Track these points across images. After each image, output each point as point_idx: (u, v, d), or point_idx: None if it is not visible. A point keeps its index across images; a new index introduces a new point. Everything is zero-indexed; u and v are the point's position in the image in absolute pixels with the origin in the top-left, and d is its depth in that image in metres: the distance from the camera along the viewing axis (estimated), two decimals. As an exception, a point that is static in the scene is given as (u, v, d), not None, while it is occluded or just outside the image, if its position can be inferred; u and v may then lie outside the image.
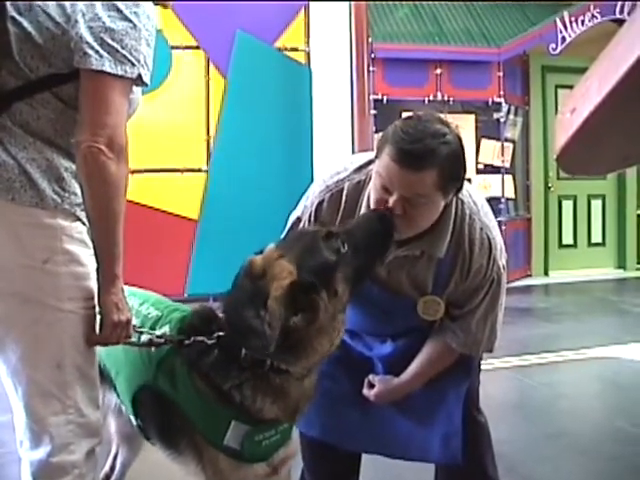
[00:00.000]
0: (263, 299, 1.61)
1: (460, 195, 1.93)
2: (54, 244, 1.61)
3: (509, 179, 8.32)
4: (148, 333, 1.81)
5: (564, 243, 9.11)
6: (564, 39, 7.31)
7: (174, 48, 6.62)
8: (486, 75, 7.92)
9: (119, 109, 1.60)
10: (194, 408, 1.75)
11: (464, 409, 2.07)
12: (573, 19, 7.25)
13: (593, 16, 7.19)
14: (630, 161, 1.85)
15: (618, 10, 6.98)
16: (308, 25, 7.07)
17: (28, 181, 1.59)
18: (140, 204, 6.37)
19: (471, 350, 2.04)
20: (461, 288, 1.97)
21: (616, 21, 6.93)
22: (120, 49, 1.58)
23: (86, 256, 1.66)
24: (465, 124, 7.48)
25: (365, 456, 2.28)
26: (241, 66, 6.85)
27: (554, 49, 7.36)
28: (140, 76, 1.62)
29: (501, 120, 8.00)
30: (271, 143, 6.89)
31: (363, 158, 2.05)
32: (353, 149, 6.89)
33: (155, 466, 2.30)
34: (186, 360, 1.76)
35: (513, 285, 7.77)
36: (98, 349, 1.75)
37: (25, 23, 1.61)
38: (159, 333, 1.82)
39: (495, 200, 7.78)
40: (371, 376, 2.13)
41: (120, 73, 1.58)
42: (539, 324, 6.35)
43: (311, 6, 7.05)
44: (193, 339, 1.74)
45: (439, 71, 7.73)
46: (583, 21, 7.22)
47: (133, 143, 1.65)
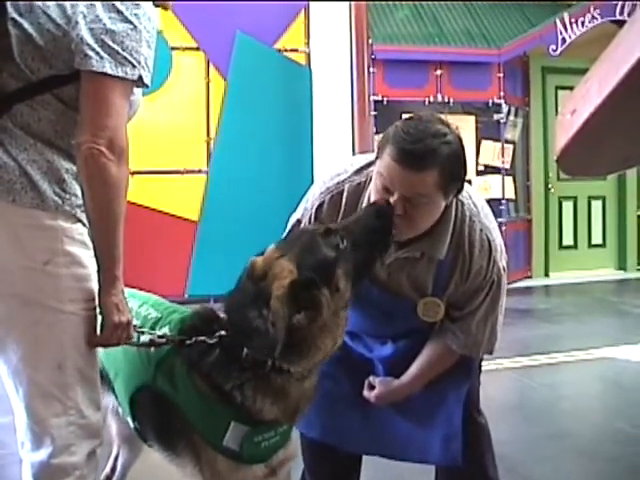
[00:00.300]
0: (265, 299, 1.62)
1: (460, 197, 1.93)
2: (55, 245, 1.61)
3: (509, 180, 8.32)
4: (149, 333, 1.81)
5: (564, 244, 9.10)
6: (564, 40, 7.32)
7: (174, 49, 6.62)
8: (486, 76, 7.92)
9: (120, 111, 1.60)
10: (194, 408, 1.74)
11: (464, 410, 2.07)
12: (573, 20, 7.26)
13: (593, 17, 7.20)
14: (630, 162, 1.86)
15: (618, 11, 6.99)
16: (308, 26, 7.07)
17: (29, 183, 1.59)
18: (140, 205, 6.37)
19: (471, 351, 2.04)
20: (461, 290, 1.97)
21: (616, 22, 6.94)
22: (121, 51, 1.58)
23: (87, 257, 1.66)
24: (465, 125, 7.47)
25: (365, 457, 2.28)
26: (241, 67, 6.85)
27: (554, 50, 7.36)
28: (141, 77, 1.63)
29: (501, 121, 8.00)
30: (271, 144, 6.89)
31: (363, 160, 2.05)
32: (353, 150, 6.89)
33: (155, 468, 2.30)
34: (186, 360, 1.76)
35: (513, 286, 7.77)
36: (98, 350, 1.76)
37: (26, 25, 1.61)
38: (160, 333, 1.82)
39: (495, 201, 7.77)
40: (371, 377, 2.13)
41: (121, 75, 1.58)
42: (539, 325, 6.34)
43: (311, 7, 7.05)
44: (195, 339, 1.74)
45: (439, 72, 7.73)
46: (583, 22, 7.23)
47: (133, 144, 1.65)
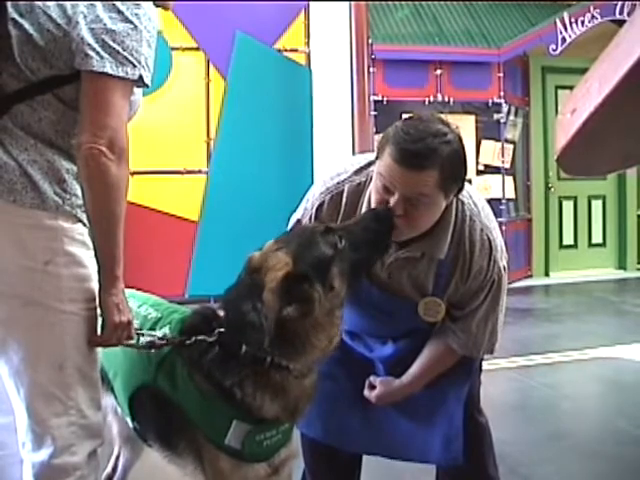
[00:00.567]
0: (259, 292, 1.64)
1: (460, 196, 1.93)
2: (55, 245, 1.61)
3: (509, 180, 8.31)
4: (149, 335, 1.81)
5: (565, 244, 9.10)
6: (564, 40, 7.31)
7: (174, 49, 6.62)
8: (486, 76, 7.91)
9: (120, 111, 1.60)
10: (195, 407, 1.75)
11: (465, 410, 2.07)
12: (573, 20, 7.25)
13: (593, 17, 7.19)
14: (630, 161, 1.86)
15: (618, 11, 6.98)
16: (308, 26, 7.07)
17: (29, 183, 1.59)
18: (140, 205, 6.36)
19: (472, 351, 2.04)
20: (462, 289, 1.97)
21: (616, 22, 6.93)
22: (121, 50, 1.58)
23: (87, 257, 1.66)
24: (465, 125, 7.47)
25: (366, 457, 2.28)
26: (241, 67, 6.85)
27: (554, 50, 7.36)
28: (141, 77, 1.63)
29: (501, 121, 7.99)
30: (271, 144, 6.89)
31: (363, 159, 2.05)
32: (353, 150, 6.88)
33: (155, 468, 2.30)
34: (187, 359, 1.76)
35: (514, 286, 7.77)
36: (99, 350, 1.76)
37: (26, 25, 1.61)
38: (160, 334, 1.82)
39: (495, 201, 7.77)
40: (372, 377, 2.13)
41: (121, 74, 1.58)
42: (540, 324, 6.34)
43: (311, 7, 7.05)
44: (195, 339, 1.74)
45: (439, 72, 7.73)
46: (583, 22, 7.22)
47: (133, 144, 1.65)
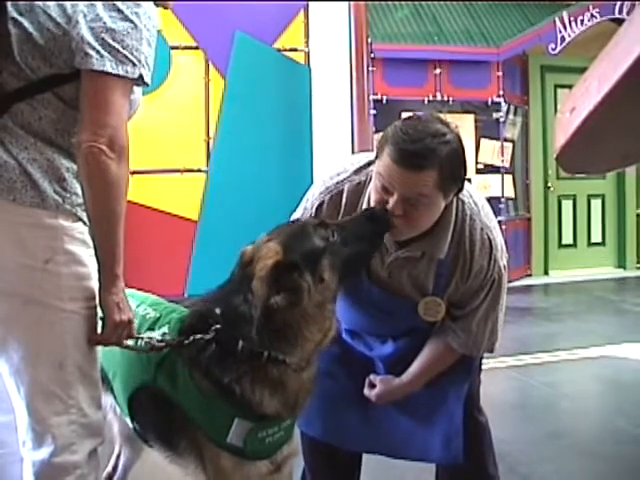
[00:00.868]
0: (250, 283, 1.66)
1: (461, 196, 1.93)
2: (55, 244, 1.61)
3: (509, 179, 8.32)
4: (148, 338, 1.80)
5: (564, 243, 9.10)
6: (563, 39, 7.31)
7: (173, 48, 6.62)
8: (485, 75, 7.92)
9: (120, 109, 1.60)
10: (196, 406, 1.75)
11: (465, 409, 2.07)
12: (572, 19, 7.25)
13: (592, 16, 7.19)
14: (630, 160, 1.85)
15: (617, 10, 6.98)
16: (307, 25, 7.06)
17: (29, 181, 1.59)
18: (140, 204, 6.36)
19: (472, 350, 2.04)
20: (462, 289, 1.97)
21: (615, 21, 6.93)
22: (121, 49, 1.58)
23: (87, 256, 1.66)
24: (464, 124, 7.47)
25: (366, 456, 2.28)
26: (240, 66, 6.84)
27: (553, 49, 7.36)
28: (141, 76, 1.63)
29: (500, 120, 8.00)
30: (271, 143, 6.88)
31: (363, 159, 2.05)
32: (353, 149, 6.88)
33: (155, 467, 2.30)
34: (187, 359, 1.77)
35: (513, 285, 7.78)
36: (99, 350, 1.76)
37: (26, 24, 1.62)
38: (158, 336, 1.82)
39: (495, 200, 7.78)
40: (372, 376, 2.13)
41: (121, 73, 1.58)
42: (539, 323, 6.35)
43: (310, 6, 7.04)
44: (192, 338, 1.74)
45: (438, 71, 7.73)
46: (582, 21, 7.22)
47: (132, 144, 1.65)
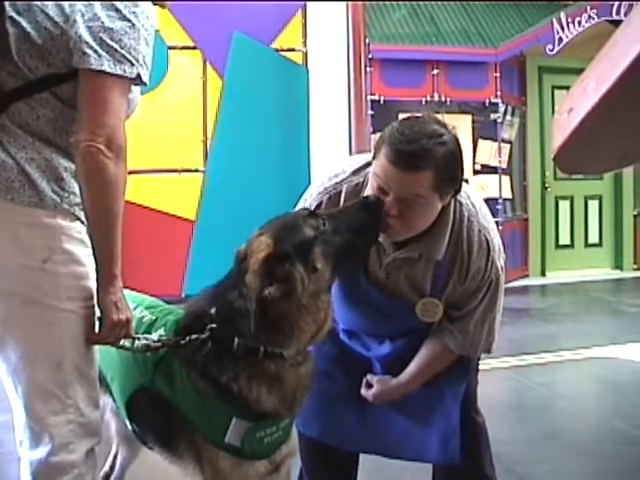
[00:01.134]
0: (244, 278, 1.67)
1: (458, 197, 1.93)
2: (53, 244, 1.61)
3: (506, 180, 8.32)
4: (144, 338, 1.80)
5: (561, 243, 9.11)
6: (561, 40, 7.33)
7: (171, 48, 6.62)
8: (483, 76, 7.92)
9: (118, 109, 1.60)
10: (193, 407, 1.74)
11: (462, 409, 2.07)
12: (570, 20, 7.27)
13: (590, 17, 7.21)
14: (627, 160, 1.86)
15: (615, 11, 7.00)
16: (305, 26, 7.07)
17: (27, 181, 1.59)
18: (137, 204, 6.36)
19: (469, 351, 2.04)
20: (459, 290, 1.97)
21: (613, 22, 6.96)
22: (119, 49, 1.58)
23: (85, 256, 1.66)
24: (462, 125, 7.48)
25: (363, 456, 2.28)
26: (238, 67, 6.85)
27: (551, 50, 7.38)
28: (139, 75, 1.63)
29: (498, 121, 8.00)
30: (268, 144, 6.89)
31: (361, 160, 2.05)
32: (350, 150, 6.89)
33: (154, 468, 2.30)
34: (183, 359, 1.77)
35: (510, 285, 7.77)
36: (96, 350, 1.76)
37: (24, 23, 1.62)
38: (155, 337, 1.82)
39: (492, 201, 7.77)
40: (369, 376, 2.13)
41: (119, 73, 1.58)
42: (536, 324, 6.35)
43: (308, 7, 7.06)
44: (188, 338, 1.74)
45: (436, 72, 7.73)
46: (580, 22, 7.24)
47: (130, 144, 1.65)
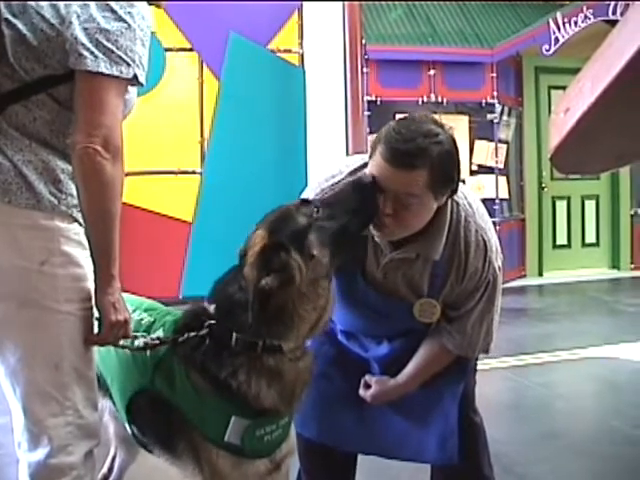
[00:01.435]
0: (242, 272, 1.69)
1: (455, 197, 1.93)
2: (51, 246, 1.61)
3: (503, 180, 8.33)
4: (142, 336, 1.81)
5: (558, 243, 9.12)
6: (557, 40, 7.34)
7: (167, 50, 6.62)
8: (479, 76, 7.93)
9: (114, 110, 1.60)
10: (193, 406, 1.75)
11: (460, 409, 2.07)
12: (566, 20, 7.27)
13: (586, 17, 7.22)
14: (624, 160, 1.86)
15: (611, 11, 7.01)
16: (301, 27, 7.08)
17: (24, 183, 1.59)
18: (134, 206, 6.36)
19: (467, 352, 2.04)
20: (457, 290, 1.97)
21: (609, 22, 6.96)
22: (115, 50, 1.58)
23: (83, 257, 1.66)
24: (459, 125, 7.47)
25: (361, 456, 2.28)
26: (235, 68, 6.85)
27: (547, 50, 7.38)
28: (135, 76, 1.63)
29: (495, 121, 8.00)
30: (265, 145, 6.89)
31: (358, 161, 2.05)
32: (347, 151, 6.89)
33: (153, 470, 2.30)
34: (182, 357, 1.77)
35: (507, 285, 7.78)
36: (95, 352, 1.76)
37: (19, 25, 1.61)
38: (154, 336, 1.82)
39: (489, 201, 7.77)
40: (367, 376, 2.13)
41: (116, 74, 1.58)
42: (534, 324, 6.36)
43: (304, 8, 7.06)
44: (187, 335, 1.75)
45: (432, 72, 7.74)
46: (576, 22, 7.25)
47: (127, 145, 1.65)
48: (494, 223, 2.31)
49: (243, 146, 6.82)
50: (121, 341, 1.73)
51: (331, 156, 6.57)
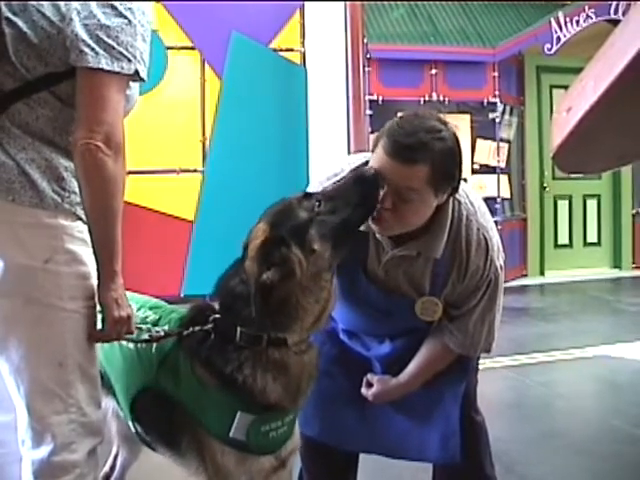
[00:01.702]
0: (244, 266, 1.70)
1: (457, 196, 1.93)
2: (55, 244, 1.61)
3: (504, 179, 8.33)
4: (147, 330, 1.81)
5: (560, 243, 9.12)
6: (559, 39, 7.34)
7: (169, 49, 6.61)
8: (481, 75, 7.93)
9: (116, 106, 1.60)
10: (198, 402, 1.75)
11: (462, 408, 2.07)
12: (568, 19, 7.28)
13: (588, 16, 7.22)
14: (625, 160, 1.87)
15: (613, 10, 7.01)
16: (303, 26, 7.06)
17: (28, 182, 1.59)
18: (136, 205, 6.35)
19: (469, 351, 2.04)
20: (459, 289, 1.97)
21: (611, 21, 6.97)
22: (116, 46, 1.58)
23: (87, 255, 1.66)
24: (460, 124, 7.47)
25: (363, 455, 2.28)
26: (236, 67, 6.84)
27: (549, 49, 7.38)
28: (137, 72, 1.63)
29: (496, 120, 8.00)
30: (267, 144, 6.88)
31: (360, 159, 2.05)
32: (349, 150, 6.88)
33: (155, 469, 2.30)
34: (187, 351, 1.78)
35: (509, 285, 7.78)
36: (98, 350, 1.76)
37: (20, 23, 1.61)
38: (159, 329, 1.83)
39: (491, 200, 7.77)
40: (369, 375, 2.13)
41: (117, 70, 1.58)
42: (535, 324, 6.36)
43: (306, 7, 7.05)
44: (192, 329, 1.76)
45: (434, 71, 7.74)
46: (578, 21, 7.25)
47: (128, 144, 1.64)
48: (495, 222, 2.31)
49: (245, 145, 6.81)
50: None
51: (332, 155, 6.56)
